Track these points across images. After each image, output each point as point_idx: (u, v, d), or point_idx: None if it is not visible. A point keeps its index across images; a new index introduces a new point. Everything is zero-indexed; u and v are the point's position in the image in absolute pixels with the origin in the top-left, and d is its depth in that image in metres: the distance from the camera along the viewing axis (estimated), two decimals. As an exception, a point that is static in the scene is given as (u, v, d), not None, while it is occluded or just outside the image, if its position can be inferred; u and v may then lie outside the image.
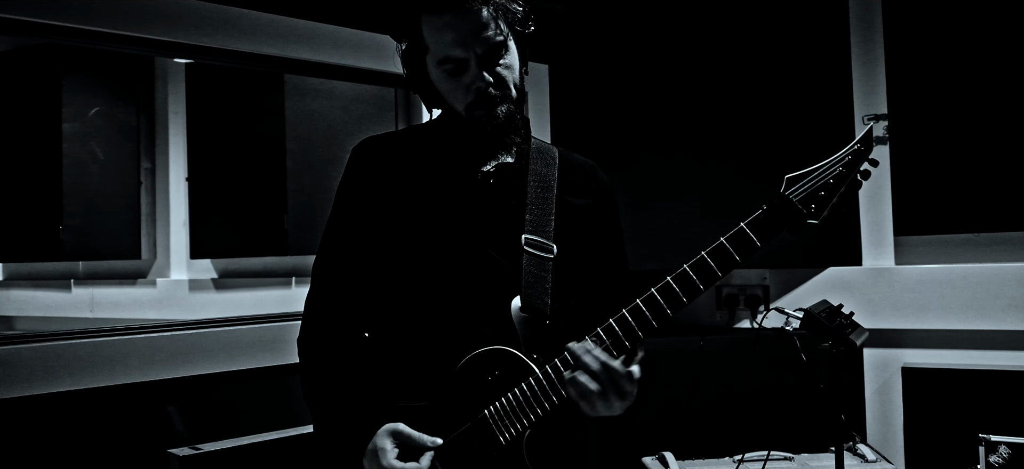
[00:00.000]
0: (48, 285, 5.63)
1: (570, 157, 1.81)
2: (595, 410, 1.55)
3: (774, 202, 1.52)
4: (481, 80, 1.63)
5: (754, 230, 1.51)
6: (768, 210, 1.52)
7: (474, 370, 1.62)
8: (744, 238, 1.51)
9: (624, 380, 1.53)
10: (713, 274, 1.52)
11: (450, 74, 1.65)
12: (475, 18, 1.60)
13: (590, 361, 1.52)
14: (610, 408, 1.54)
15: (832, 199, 1.51)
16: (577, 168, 1.79)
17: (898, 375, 3.34)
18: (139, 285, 5.32)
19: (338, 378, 1.68)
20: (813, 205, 1.51)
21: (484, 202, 1.69)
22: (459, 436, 1.61)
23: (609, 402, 1.53)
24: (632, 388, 1.55)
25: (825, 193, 1.51)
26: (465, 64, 1.63)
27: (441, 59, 1.64)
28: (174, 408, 2.80)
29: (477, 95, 1.64)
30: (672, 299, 1.53)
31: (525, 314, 1.62)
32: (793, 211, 1.51)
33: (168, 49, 2.94)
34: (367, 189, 1.72)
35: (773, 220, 1.51)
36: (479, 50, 1.62)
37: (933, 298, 3.28)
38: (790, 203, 1.51)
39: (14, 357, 2.46)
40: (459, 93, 1.66)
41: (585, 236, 1.74)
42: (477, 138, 1.68)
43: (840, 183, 1.51)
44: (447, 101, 1.69)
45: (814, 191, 1.51)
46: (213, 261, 5.13)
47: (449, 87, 1.66)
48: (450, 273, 1.66)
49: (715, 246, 1.52)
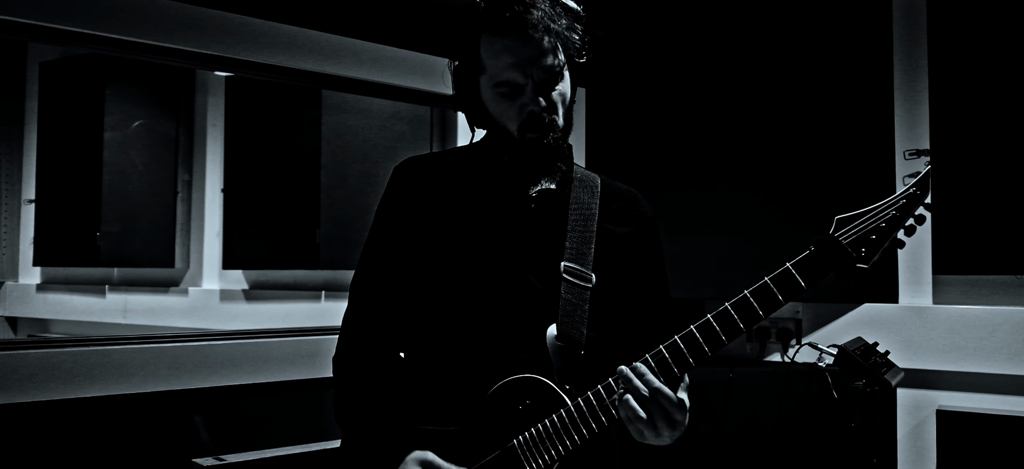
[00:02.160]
0: (83, 290, 5.71)
1: (612, 185, 1.80)
2: (643, 437, 1.53)
3: (823, 244, 1.48)
4: (535, 104, 1.63)
5: (800, 271, 1.48)
6: (816, 251, 1.48)
7: (505, 397, 1.60)
8: (789, 280, 1.48)
9: (675, 409, 1.51)
10: (755, 315, 1.49)
11: (504, 96, 1.65)
12: (536, 45, 1.61)
13: (640, 386, 1.50)
14: (658, 436, 1.52)
15: (883, 244, 1.47)
16: (619, 197, 1.78)
17: (932, 418, 3.27)
18: (171, 293, 5.38)
19: (370, 400, 1.66)
20: (863, 249, 1.47)
21: (525, 227, 1.68)
22: (486, 464, 1.58)
23: (657, 430, 1.51)
24: (682, 418, 1.53)
25: (876, 237, 1.47)
26: (521, 89, 1.63)
27: (498, 82, 1.64)
28: (200, 418, 2.82)
29: (529, 118, 1.64)
30: (713, 337, 1.51)
31: (560, 343, 1.60)
32: (842, 254, 1.47)
33: (210, 62, 2.98)
34: (409, 209, 1.72)
35: (821, 262, 1.48)
36: (537, 76, 1.62)
37: (971, 340, 3.21)
38: (839, 246, 1.47)
39: (47, 361, 2.49)
40: (512, 114, 1.65)
41: (625, 266, 1.72)
42: (525, 160, 1.67)
43: (893, 228, 1.47)
44: (499, 122, 1.68)
45: (865, 234, 1.47)
46: (245, 272, 5.18)
47: (502, 109, 1.66)
48: (487, 297, 1.64)
49: (759, 286, 1.49)
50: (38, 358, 2.48)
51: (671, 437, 1.53)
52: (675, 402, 1.50)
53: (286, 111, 4.77)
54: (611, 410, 1.53)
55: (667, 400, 1.49)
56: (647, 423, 1.49)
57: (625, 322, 1.74)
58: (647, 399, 1.49)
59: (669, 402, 1.49)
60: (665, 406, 1.49)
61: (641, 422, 1.49)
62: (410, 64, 3.37)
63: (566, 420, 1.55)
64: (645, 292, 1.76)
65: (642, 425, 1.49)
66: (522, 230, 1.68)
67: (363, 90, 3.51)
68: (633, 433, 1.53)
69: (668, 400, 1.49)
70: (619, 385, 1.52)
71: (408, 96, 3.53)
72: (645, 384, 1.50)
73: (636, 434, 1.53)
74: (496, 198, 1.70)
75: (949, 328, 3.25)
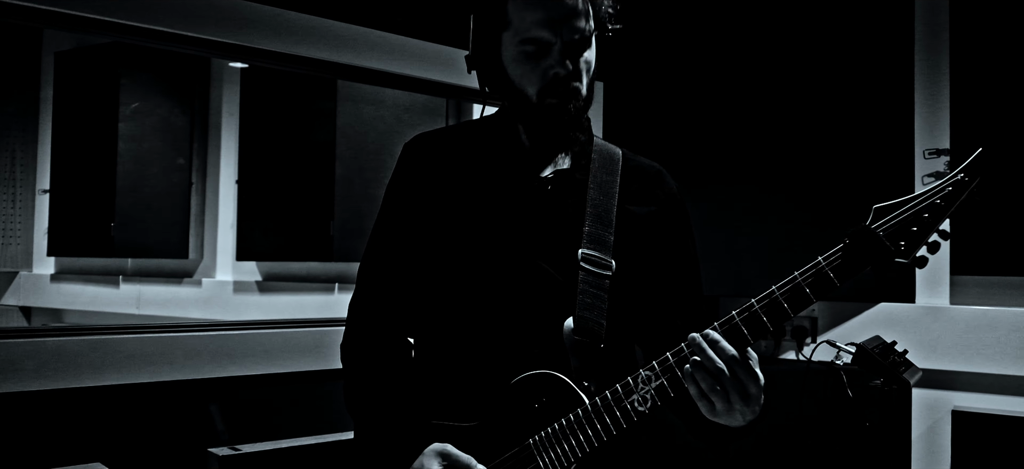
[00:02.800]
0: (97, 280, 5.74)
1: (634, 161, 1.69)
2: (714, 414, 1.41)
3: (858, 235, 1.35)
4: (561, 66, 1.53)
5: (833, 268, 1.36)
6: (850, 244, 1.35)
7: (522, 393, 1.52)
8: (821, 278, 1.36)
9: (751, 381, 1.39)
10: (785, 314, 1.38)
11: (529, 57, 1.54)
12: (569, 4, 1.52)
13: (714, 355, 1.38)
14: (730, 412, 1.40)
15: (927, 236, 1.34)
16: (642, 173, 1.67)
17: (947, 418, 3.24)
18: (185, 284, 5.40)
19: (382, 391, 1.60)
20: (902, 242, 1.34)
21: (540, 211, 1.59)
22: (502, 463, 1.51)
23: (730, 405, 1.39)
24: (758, 392, 1.40)
25: (918, 229, 1.34)
26: (548, 48, 1.53)
27: (524, 39, 1.53)
28: (215, 407, 2.82)
29: (553, 81, 1.54)
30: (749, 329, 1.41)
31: (577, 337, 1.52)
32: (879, 247, 1.34)
33: (225, 50, 2.97)
34: (418, 189, 1.64)
35: (856, 257, 1.35)
36: (566, 37, 1.53)
37: (988, 341, 3.18)
38: (876, 238, 1.35)
39: (64, 349, 2.50)
40: (534, 77, 1.55)
41: (648, 249, 1.62)
42: (543, 129, 1.59)
43: (937, 219, 1.34)
44: (518, 85, 1.57)
45: (905, 225, 1.35)
46: (258, 263, 5.19)
47: (524, 70, 1.55)
48: (501, 285, 1.56)
49: (802, 274, 1.38)
50: (54, 346, 2.48)
51: (743, 417, 1.41)
52: (751, 372, 1.38)
53: (301, 103, 4.77)
54: (629, 410, 1.45)
55: (742, 369, 1.37)
56: (721, 396, 1.37)
57: (649, 311, 1.64)
58: (720, 370, 1.37)
59: (744, 371, 1.38)
60: (740, 376, 1.37)
61: (715, 395, 1.37)
62: (427, 55, 3.37)
63: (583, 419, 1.47)
64: (670, 277, 1.65)
65: (716, 398, 1.38)
66: (537, 214, 1.58)
67: (379, 81, 3.50)
68: (703, 410, 1.41)
69: (742, 369, 1.37)
70: (689, 352, 1.40)
71: (424, 87, 3.52)
72: (719, 353, 1.38)
73: (708, 411, 1.40)
74: (509, 179, 1.61)
75: (966, 329, 3.22)
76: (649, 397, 1.44)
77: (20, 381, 2.43)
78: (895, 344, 2.33)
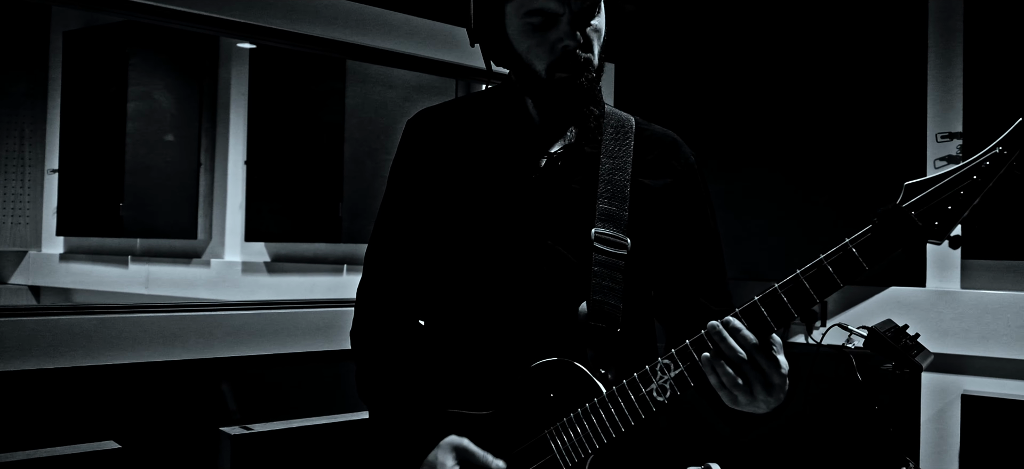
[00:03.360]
0: (106, 260, 5.75)
1: (649, 129, 1.61)
2: (736, 403, 1.35)
3: (889, 215, 1.26)
4: (570, 38, 1.45)
5: (861, 250, 1.27)
6: (880, 225, 1.26)
7: (537, 381, 1.47)
8: (849, 260, 1.28)
9: (774, 371, 1.33)
10: (810, 298, 1.31)
11: (535, 29, 1.46)
12: None
13: (735, 344, 1.31)
14: (753, 401, 1.34)
15: (962, 214, 1.24)
16: (656, 143, 1.60)
17: (957, 402, 3.24)
18: (194, 265, 5.41)
19: (395, 377, 1.56)
20: (936, 221, 1.24)
21: (550, 187, 1.52)
22: (518, 454, 1.47)
23: (753, 395, 1.33)
24: (780, 381, 1.34)
25: (953, 207, 1.24)
26: (555, 19, 1.45)
27: (530, 10, 1.45)
28: (227, 387, 2.83)
29: (563, 55, 1.46)
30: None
31: (594, 322, 1.45)
32: (911, 227, 1.25)
33: (234, 29, 2.97)
34: (422, 168, 1.58)
35: (886, 238, 1.26)
36: (575, 6, 1.44)
37: (999, 325, 3.18)
38: (908, 218, 1.25)
39: (76, 328, 2.50)
40: (542, 50, 1.47)
41: (664, 225, 1.55)
42: (553, 104, 1.52)
43: (973, 195, 1.23)
44: (524, 59, 1.50)
45: (940, 204, 1.24)
46: (267, 244, 5.19)
47: (531, 43, 1.47)
48: (511, 268, 1.50)
49: (828, 257, 1.30)
50: (67, 325, 2.49)
51: (768, 405, 1.35)
52: (773, 360, 1.32)
53: (310, 83, 4.76)
54: (648, 400, 1.38)
55: (764, 358, 1.32)
56: (743, 388, 1.32)
57: (669, 290, 1.58)
58: (742, 359, 1.31)
59: (766, 360, 1.32)
60: (762, 365, 1.32)
61: (737, 387, 1.31)
62: (436, 35, 3.35)
63: (600, 410, 1.41)
64: (690, 253, 1.58)
65: (737, 391, 1.32)
66: (547, 192, 1.52)
67: (388, 61, 3.49)
68: (725, 399, 1.36)
69: (765, 357, 1.32)
70: (710, 341, 1.34)
71: (434, 67, 3.51)
72: (740, 342, 1.31)
73: (729, 400, 1.35)
74: (518, 155, 1.54)
75: (977, 313, 3.22)
76: (668, 386, 1.38)
77: (33, 359, 2.44)
78: (907, 328, 2.32)
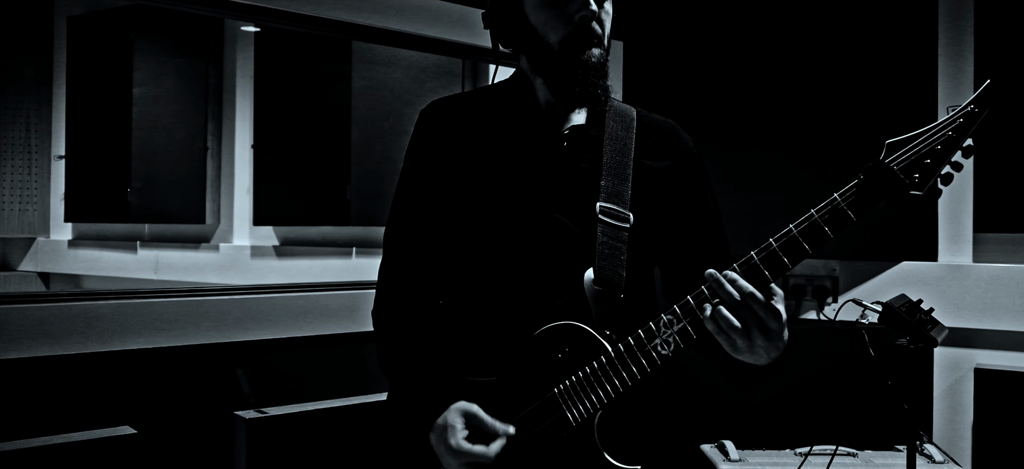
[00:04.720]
0: (115, 246, 5.76)
1: (649, 117, 1.72)
2: (737, 351, 1.44)
3: (872, 170, 1.38)
4: (587, 9, 1.54)
5: (849, 203, 1.38)
6: (865, 179, 1.38)
7: (544, 345, 1.56)
8: (837, 214, 1.39)
9: (770, 316, 1.40)
10: (803, 252, 1.41)
11: (552, 2, 1.56)
12: None
13: (731, 290, 1.40)
14: (753, 348, 1.42)
15: (939, 168, 1.37)
16: (656, 129, 1.70)
17: (970, 376, 3.24)
18: (202, 249, 5.41)
19: (413, 351, 1.64)
20: (916, 175, 1.37)
21: (558, 167, 1.62)
22: (528, 414, 1.55)
23: (751, 340, 1.41)
24: (779, 328, 1.42)
25: (931, 161, 1.36)
26: None
27: None
28: (242, 371, 2.84)
29: (578, 27, 1.56)
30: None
31: (598, 287, 1.55)
32: (894, 180, 1.37)
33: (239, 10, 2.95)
34: (437, 154, 1.67)
35: (870, 191, 1.37)
36: None
37: (1013, 299, 3.16)
38: (890, 171, 1.37)
39: (90, 313, 2.51)
40: (558, 23, 1.56)
41: (665, 203, 1.65)
42: (567, 77, 1.59)
43: (949, 150, 1.36)
44: (540, 32, 1.59)
45: (919, 158, 1.37)
46: (275, 228, 5.19)
47: (547, 16, 1.57)
48: (521, 242, 1.59)
49: (819, 211, 1.40)
50: (81, 310, 2.50)
51: (767, 354, 1.43)
52: (770, 308, 1.40)
53: (316, 65, 4.75)
54: (653, 355, 1.48)
55: (760, 305, 1.40)
56: (741, 332, 1.40)
57: (675, 267, 1.68)
58: (739, 304, 1.40)
59: (763, 307, 1.40)
60: (759, 312, 1.40)
61: (735, 331, 1.40)
62: (442, 14, 3.33)
63: (607, 366, 1.51)
64: (693, 231, 1.68)
65: (736, 335, 1.40)
66: (555, 170, 1.61)
67: (394, 41, 3.47)
68: (726, 346, 1.44)
69: (761, 304, 1.40)
70: (708, 290, 1.44)
71: (440, 48, 3.49)
72: (736, 288, 1.40)
73: (729, 347, 1.44)
74: (527, 137, 1.64)
75: (989, 286, 3.20)
76: (672, 340, 1.48)
77: (48, 345, 2.44)
78: (921, 302, 2.31)
